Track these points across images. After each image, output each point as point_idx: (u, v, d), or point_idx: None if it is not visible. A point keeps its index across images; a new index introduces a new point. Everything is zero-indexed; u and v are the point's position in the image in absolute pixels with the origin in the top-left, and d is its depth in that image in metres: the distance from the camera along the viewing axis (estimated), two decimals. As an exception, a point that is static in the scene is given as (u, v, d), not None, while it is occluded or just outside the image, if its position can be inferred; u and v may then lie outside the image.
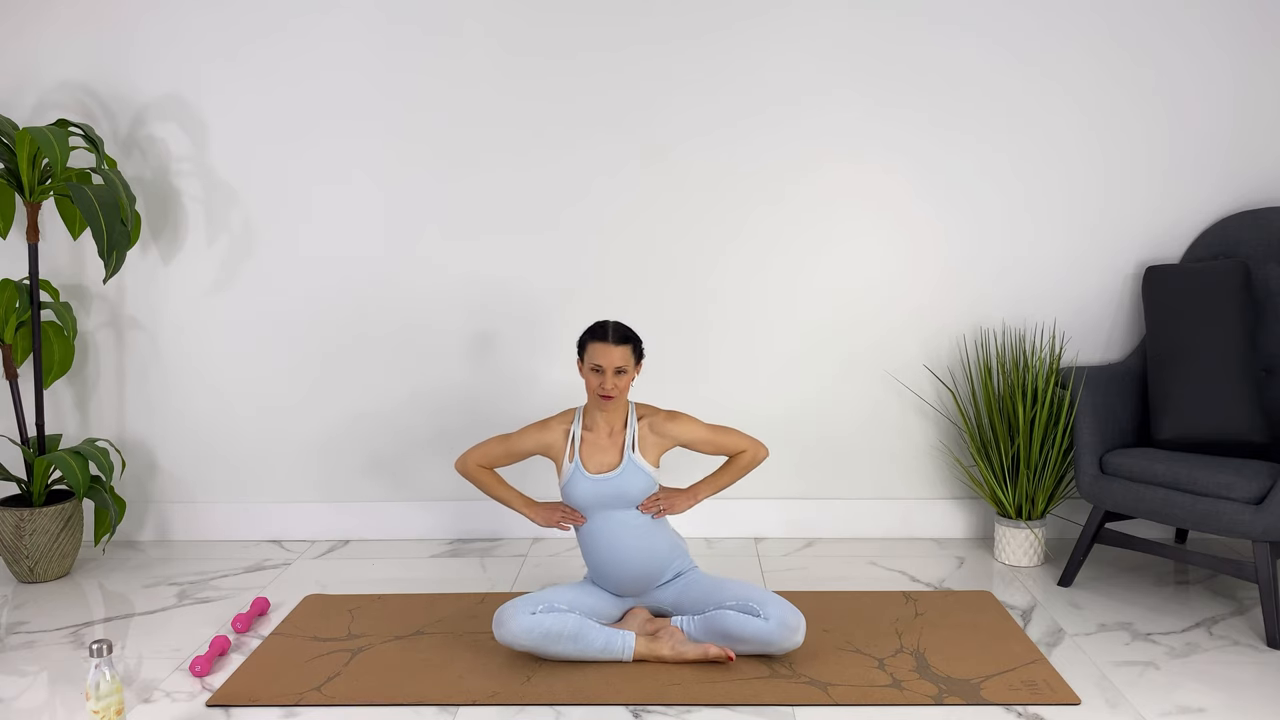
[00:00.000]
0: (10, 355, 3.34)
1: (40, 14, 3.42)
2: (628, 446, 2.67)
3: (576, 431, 2.70)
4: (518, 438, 2.75)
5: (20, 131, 3.12)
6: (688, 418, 2.72)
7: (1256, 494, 2.69)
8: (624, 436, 2.69)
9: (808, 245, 3.48)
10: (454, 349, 3.55)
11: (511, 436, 2.76)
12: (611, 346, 2.60)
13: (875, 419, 3.55)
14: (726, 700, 2.38)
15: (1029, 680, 2.47)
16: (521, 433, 2.75)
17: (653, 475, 2.69)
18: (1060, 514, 3.55)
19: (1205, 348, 3.02)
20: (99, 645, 2.12)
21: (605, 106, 3.42)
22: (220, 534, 3.65)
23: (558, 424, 2.73)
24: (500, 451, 2.77)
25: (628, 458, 2.66)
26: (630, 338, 2.65)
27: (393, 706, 2.39)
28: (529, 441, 2.73)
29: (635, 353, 2.65)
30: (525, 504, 2.80)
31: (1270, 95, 3.37)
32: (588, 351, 2.64)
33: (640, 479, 2.66)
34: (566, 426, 2.72)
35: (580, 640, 2.53)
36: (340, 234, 3.50)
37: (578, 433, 2.69)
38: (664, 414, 2.72)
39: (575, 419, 2.72)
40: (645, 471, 2.67)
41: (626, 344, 2.63)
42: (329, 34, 3.41)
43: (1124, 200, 3.43)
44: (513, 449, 2.76)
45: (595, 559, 2.70)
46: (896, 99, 3.40)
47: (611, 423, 2.69)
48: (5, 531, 3.20)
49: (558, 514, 2.73)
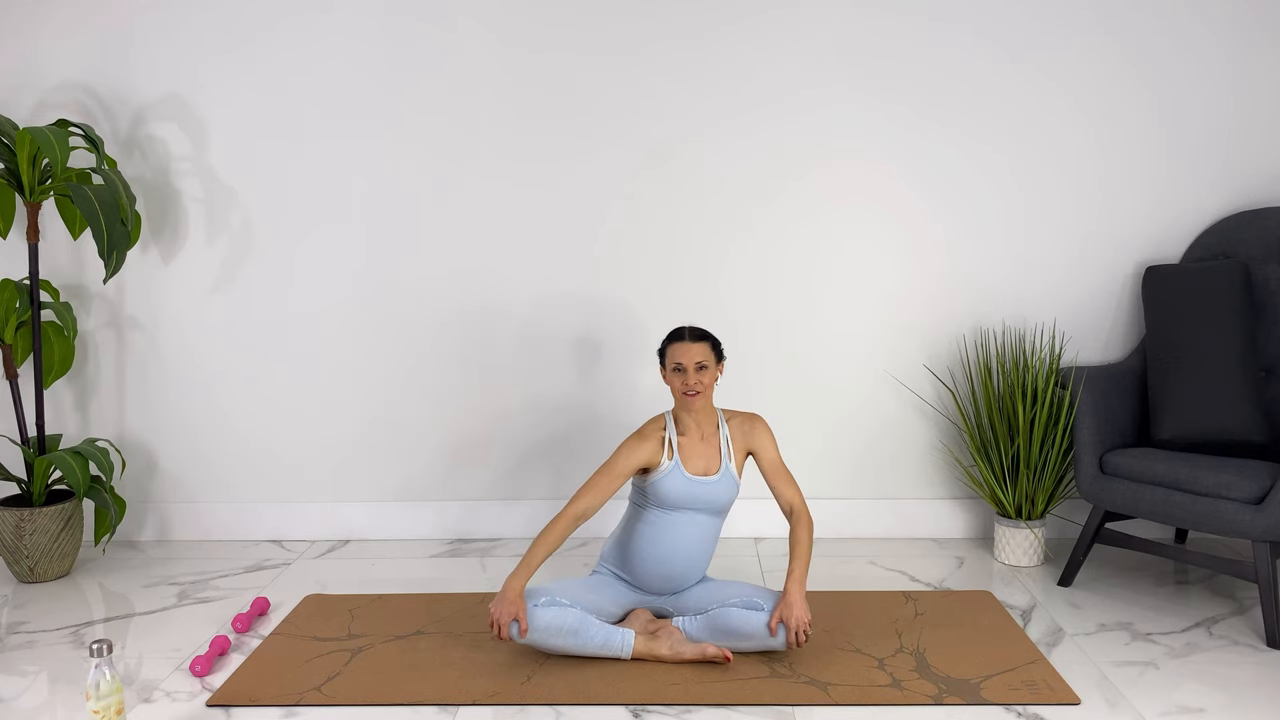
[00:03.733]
0: (10, 355, 3.34)
1: (40, 14, 3.42)
2: (724, 454, 2.70)
3: (672, 435, 2.70)
4: (621, 461, 2.64)
5: (20, 131, 3.12)
6: (768, 431, 2.75)
7: (1256, 494, 2.69)
8: (718, 439, 2.71)
9: (808, 245, 3.48)
10: (453, 350, 3.55)
11: (615, 464, 2.64)
12: (690, 344, 2.65)
13: (875, 419, 3.55)
14: (726, 700, 2.38)
15: (1029, 680, 2.47)
16: (623, 455, 2.64)
17: (738, 487, 2.72)
18: (1060, 514, 3.55)
19: (1205, 348, 3.02)
20: (99, 645, 2.12)
21: (605, 106, 3.41)
22: (220, 534, 3.65)
23: (653, 430, 2.70)
24: (610, 486, 2.63)
25: (725, 467, 2.69)
26: (707, 335, 2.70)
27: (393, 706, 2.39)
28: (632, 460, 2.64)
29: (715, 350, 2.69)
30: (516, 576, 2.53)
31: (1270, 95, 3.37)
32: (668, 355, 2.68)
33: (731, 489, 2.70)
34: (661, 431, 2.70)
35: (580, 636, 2.53)
36: (340, 233, 3.50)
37: (673, 436, 2.70)
38: (747, 416, 2.76)
39: (668, 422, 2.73)
40: (737, 483, 2.71)
41: (704, 340, 2.67)
42: (329, 33, 3.41)
43: (1124, 200, 3.43)
44: (619, 474, 2.64)
45: (644, 551, 2.69)
46: (897, 98, 3.40)
47: (702, 425, 2.71)
48: (5, 531, 3.20)
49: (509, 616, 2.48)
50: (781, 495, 2.71)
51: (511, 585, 2.52)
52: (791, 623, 2.48)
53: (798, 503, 2.69)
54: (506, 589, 2.52)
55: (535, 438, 3.57)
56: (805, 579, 2.55)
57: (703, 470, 2.68)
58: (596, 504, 2.62)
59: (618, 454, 2.65)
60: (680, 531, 2.67)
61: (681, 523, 2.68)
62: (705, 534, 2.71)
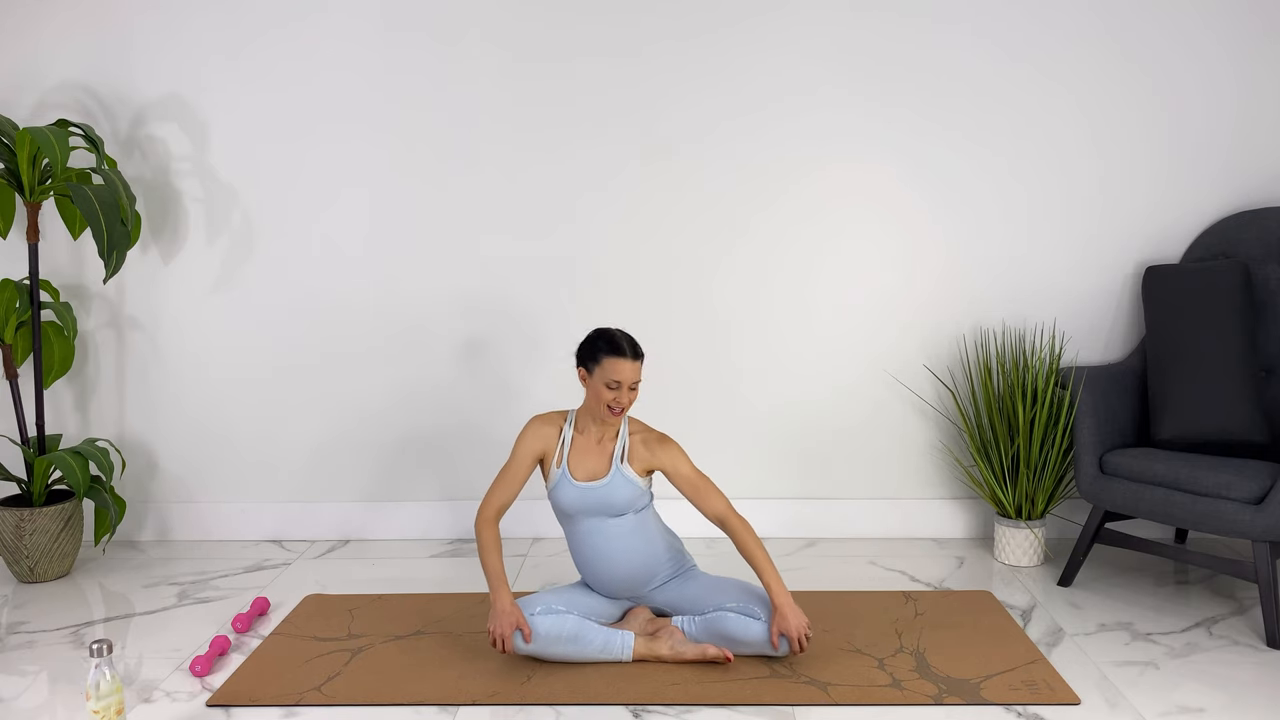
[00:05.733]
0: (10, 355, 3.34)
1: (40, 14, 3.42)
2: (616, 457, 2.62)
3: (568, 435, 2.66)
4: (522, 448, 2.64)
5: (20, 131, 3.12)
6: (678, 449, 2.63)
7: (1256, 494, 2.69)
8: (613, 446, 2.64)
9: (808, 246, 3.48)
10: (453, 350, 3.55)
11: (516, 452, 2.64)
12: (631, 362, 2.54)
13: (875, 419, 3.55)
14: (726, 700, 2.38)
15: (1029, 680, 2.47)
16: (524, 441, 2.64)
17: (641, 486, 2.63)
18: (1060, 514, 3.55)
19: (1205, 348, 3.02)
20: (99, 645, 2.12)
21: (604, 107, 3.41)
22: (220, 534, 3.65)
23: (555, 421, 2.67)
24: (513, 486, 2.64)
25: (615, 468, 2.61)
26: (642, 352, 2.60)
27: (392, 706, 2.39)
28: (533, 445, 2.63)
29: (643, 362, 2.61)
30: (499, 591, 2.52)
31: (1270, 95, 3.37)
32: (603, 366, 2.54)
33: (627, 489, 2.61)
34: (560, 426, 2.67)
35: (579, 641, 2.53)
36: (340, 234, 3.50)
37: (569, 436, 2.66)
38: (656, 435, 2.65)
39: (569, 421, 2.69)
40: (634, 482, 2.61)
41: (641, 359, 2.58)
42: (329, 33, 3.41)
43: (1124, 200, 3.43)
44: (519, 473, 2.64)
45: (584, 563, 2.67)
46: (896, 99, 3.40)
47: (603, 431, 2.65)
48: (5, 531, 3.20)
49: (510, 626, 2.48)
50: (708, 508, 2.58)
51: (500, 599, 2.50)
52: (791, 633, 2.46)
53: (726, 511, 2.57)
54: (497, 603, 2.50)
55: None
56: (783, 584, 2.50)
57: (590, 474, 2.61)
58: (507, 500, 2.62)
59: (517, 443, 2.64)
60: (599, 538, 2.62)
61: (596, 529, 2.61)
62: (628, 535, 2.62)
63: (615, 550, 2.63)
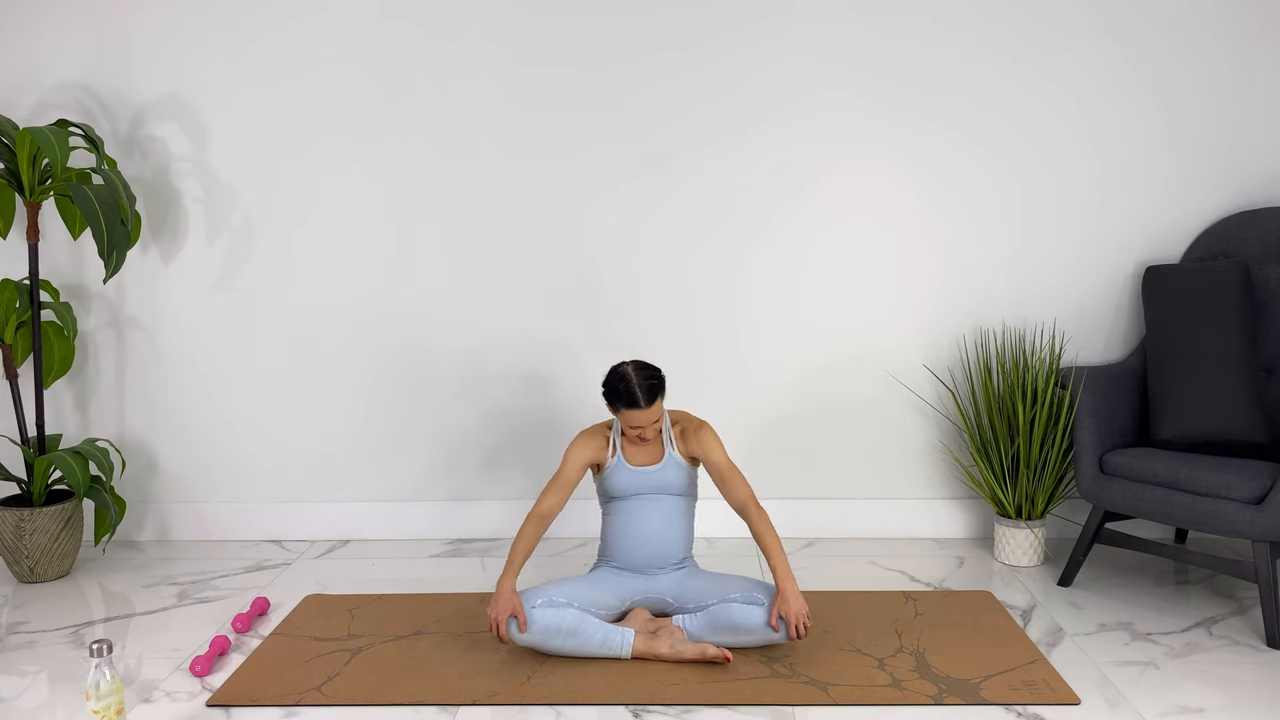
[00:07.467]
0: (10, 355, 3.34)
1: (40, 14, 3.42)
2: (667, 444, 2.77)
3: (616, 439, 2.78)
4: (573, 459, 2.74)
5: (20, 131, 3.12)
6: (714, 437, 2.76)
7: (1256, 494, 2.69)
8: (661, 437, 2.78)
9: (808, 247, 3.48)
10: (453, 350, 3.55)
11: (566, 463, 2.74)
12: (644, 411, 2.64)
13: (875, 419, 3.55)
14: (726, 700, 2.38)
15: (1029, 680, 2.47)
16: (573, 454, 2.75)
17: (689, 470, 2.78)
18: (1060, 514, 3.55)
19: (1205, 348, 3.02)
20: (99, 645, 2.12)
21: (607, 113, 3.41)
22: (220, 534, 3.65)
23: (601, 428, 2.81)
24: (564, 491, 2.73)
25: (668, 454, 2.76)
26: (658, 389, 2.66)
27: (393, 706, 2.39)
28: (582, 456, 2.75)
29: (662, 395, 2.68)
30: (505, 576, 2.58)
31: (1269, 95, 3.37)
32: (623, 417, 2.66)
33: (679, 471, 2.76)
34: (606, 435, 2.79)
35: (579, 635, 2.54)
36: (340, 234, 3.50)
37: (617, 440, 2.78)
38: (695, 424, 2.78)
39: (614, 428, 2.80)
40: (684, 466, 2.76)
41: (657, 398, 2.65)
42: (329, 33, 3.41)
43: (1123, 200, 3.43)
44: (571, 477, 2.74)
45: (622, 532, 2.75)
46: (896, 102, 3.40)
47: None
48: (5, 531, 3.20)
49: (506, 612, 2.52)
50: (732, 495, 2.70)
51: (503, 584, 2.57)
52: (790, 617, 2.51)
53: (748, 499, 2.68)
54: (499, 589, 2.57)
55: (537, 437, 3.57)
56: (790, 571, 2.56)
57: (645, 462, 2.76)
58: (557, 503, 2.71)
59: (568, 453, 2.75)
60: (642, 512, 2.74)
61: (642, 506, 2.75)
62: (669, 511, 2.76)
63: (654, 523, 2.74)
